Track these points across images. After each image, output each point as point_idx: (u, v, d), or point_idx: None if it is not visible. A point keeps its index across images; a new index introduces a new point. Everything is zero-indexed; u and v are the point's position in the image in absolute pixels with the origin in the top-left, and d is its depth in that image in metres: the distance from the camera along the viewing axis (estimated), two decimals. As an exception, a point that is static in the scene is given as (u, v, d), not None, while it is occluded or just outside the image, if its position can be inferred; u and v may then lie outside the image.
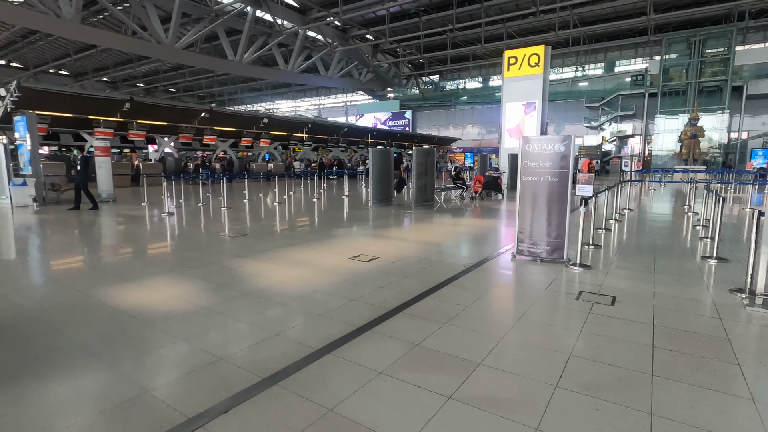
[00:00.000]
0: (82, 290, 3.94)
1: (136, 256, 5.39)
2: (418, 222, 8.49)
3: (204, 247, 5.97)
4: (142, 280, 4.27)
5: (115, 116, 17.57)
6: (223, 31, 34.92)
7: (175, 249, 5.79)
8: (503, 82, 20.10)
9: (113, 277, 4.38)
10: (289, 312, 3.42)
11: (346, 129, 28.84)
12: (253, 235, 6.84)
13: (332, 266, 4.87)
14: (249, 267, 4.82)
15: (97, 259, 5.29)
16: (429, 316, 3.32)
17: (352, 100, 64.64)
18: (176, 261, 5.11)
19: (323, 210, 10.62)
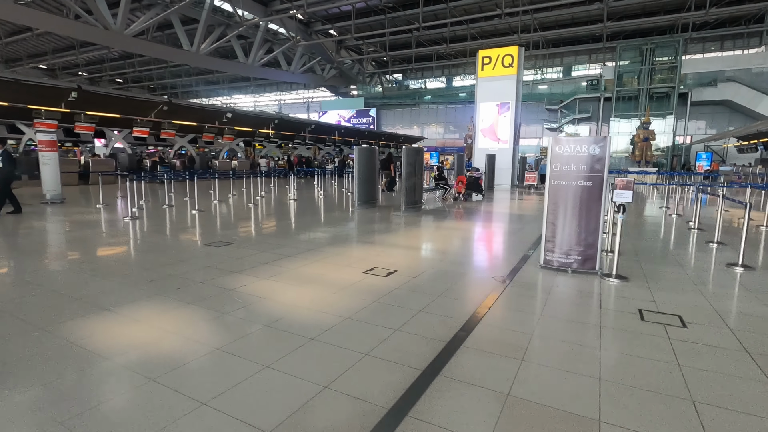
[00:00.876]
0: (37, 325, 3.05)
1: (105, 274, 4.46)
2: (416, 227, 7.96)
3: (187, 259, 5.10)
4: (121, 309, 3.43)
5: (60, 106, 15.69)
6: (177, 19, 32.78)
7: (153, 263, 4.89)
8: (477, 81, 20.02)
9: (79, 305, 3.49)
10: (327, 352, 2.76)
11: (313, 126, 27.81)
12: (240, 244, 6.02)
13: (349, 283, 4.22)
14: (252, 287, 4.07)
15: (52, 279, 4.31)
16: (496, 349, 2.79)
17: (314, 96, 63.24)
18: (159, 280, 4.25)
19: (306, 213, 9.85)
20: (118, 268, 4.71)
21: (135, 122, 18.33)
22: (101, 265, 4.81)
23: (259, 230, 7.31)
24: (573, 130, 42.26)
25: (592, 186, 4.63)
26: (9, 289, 3.93)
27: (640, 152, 34.40)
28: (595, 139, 4.60)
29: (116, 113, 17.37)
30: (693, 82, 36.45)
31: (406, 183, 9.77)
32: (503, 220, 9.22)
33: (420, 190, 10.31)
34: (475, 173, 14.25)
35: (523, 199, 14.36)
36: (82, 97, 15.67)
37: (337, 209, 10.59)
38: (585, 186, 4.65)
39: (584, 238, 4.70)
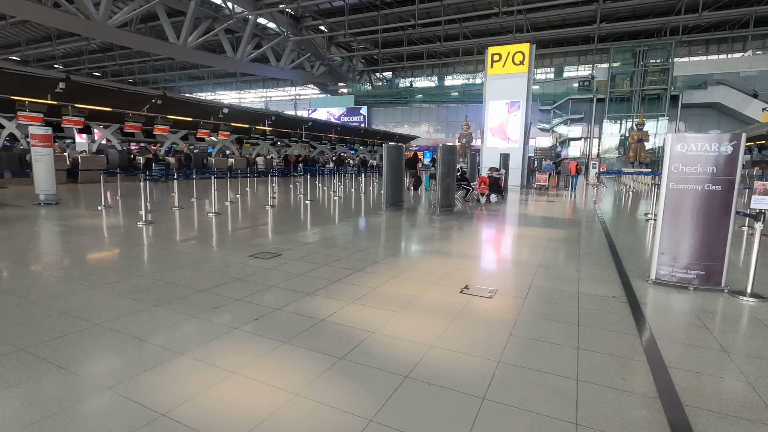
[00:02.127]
0: (82, 376, 2.23)
1: (152, 299, 3.60)
2: (469, 232, 7.28)
3: (242, 277, 4.28)
4: (198, 352, 2.62)
5: (46, 98, 14.43)
6: (163, 10, 31.35)
7: (203, 283, 4.05)
8: (486, 79, 19.48)
9: (145, 351, 2.66)
10: (523, 421, 2.03)
11: (310, 123, 26.86)
12: (289, 255, 5.21)
13: (454, 307, 3.50)
14: (344, 315, 3.30)
15: (90, 309, 3.44)
16: (735, 410, 2.11)
17: (301, 93, 62.00)
18: (225, 306, 3.43)
19: (333, 216, 9.03)
20: (163, 289, 3.86)
21: (126, 117, 17.11)
22: (139, 286, 3.94)
23: (299, 238, 6.49)
24: (565, 131, 42.40)
25: (721, 190, 4.02)
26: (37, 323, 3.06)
27: (634, 153, 34.63)
28: (728, 137, 3.99)
29: (107, 106, 16.13)
30: (683, 84, 36.95)
31: (441, 184, 9.08)
32: (552, 224, 8.61)
33: (453, 191, 9.65)
34: (495, 173, 13.69)
35: (546, 200, 13.86)
36: (71, 89, 14.46)
37: (365, 212, 9.81)
38: (713, 191, 4.04)
39: (710, 251, 4.09)
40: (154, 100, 17.38)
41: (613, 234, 7.17)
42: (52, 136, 9.41)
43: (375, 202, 12.24)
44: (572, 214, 10.27)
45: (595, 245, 6.30)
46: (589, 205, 12.36)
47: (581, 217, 9.59)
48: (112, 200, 9.83)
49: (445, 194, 9.22)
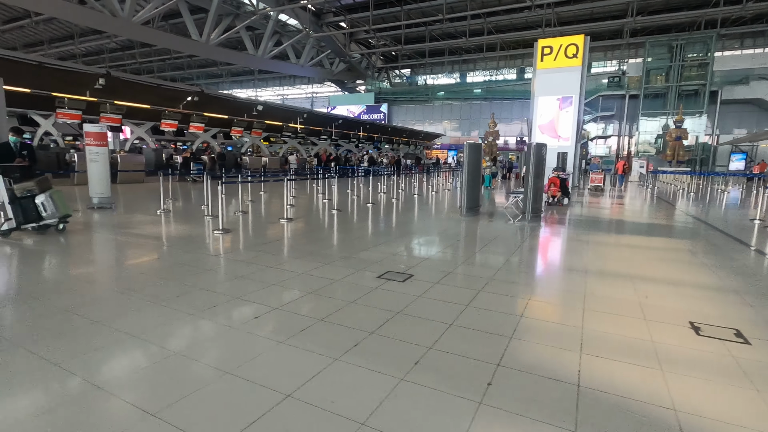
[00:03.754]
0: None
1: (316, 344, 2.77)
2: (597, 243, 6.36)
3: (399, 311, 3.42)
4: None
5: (84, 95, 13.81)
6: (186, 7, 30.90)
7: (362, 319, 3.21)
8: (535, 73, 18.45)
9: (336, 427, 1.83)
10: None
11: (340, 121, 26.06)
12: (424, 276, 4.36)
13: (720, 361, 2.62)
14: (594, 375, 2.44)
15: (241, 360, 2.62)
16: None
17: (318, 91, 61.44)
18: (429, 361, 2.59)
19: (419, 223, 8.18)
20: (323, 331, 3.03)
21: (163, 114, 16.46)
22: (291, 326, 3.12)
23: (410, 251, 5.64)
24: (596, 129, 41.10)
25: None
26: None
27: (671, 151, 33.24)
28: None
29: (145, 103, 15.47)
30: (721, 79, 35.38)
31: (533, 186, 8.18)
32: (674, 233, 7.67)
33: (541, 194, 8.75)
34: (561, 174, 12.73)
35: (620, 202, 12.88)
36: (110, 85, 13.81)
37: (445, 217, 8.95)
38: None
39: None
40: (191, 97, 16.69)
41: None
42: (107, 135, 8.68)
43: (441, 204, 11.39)
44: (673, 218, 9.31)
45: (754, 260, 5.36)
46: (677, 208, 11.36)
47: (689, 222, 8.63)
48: (165, 203, 9.08)
49: (537, 198, 8.32)
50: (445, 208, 10.58)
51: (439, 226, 7.79)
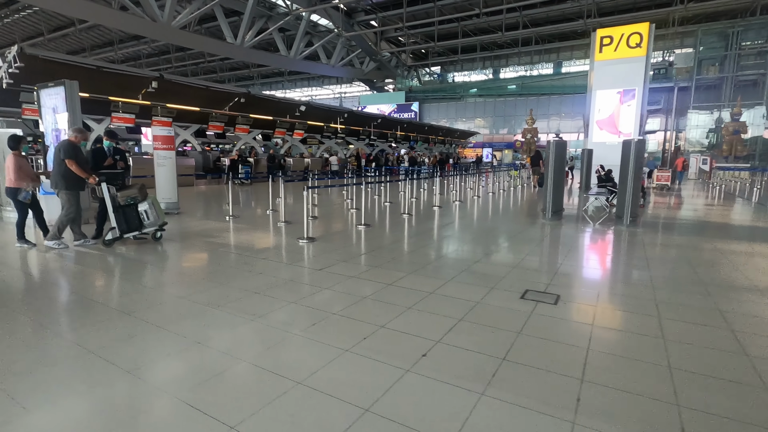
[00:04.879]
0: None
1: (518, 393, 2.18)
2: (734, 253, 5.55)
3: (572, 343, 2.80)
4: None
5: (137, 98, 13.72)
6: (221, 10, 31.13)
7: (536, 360, 2.60)
8: (593, 65, 17.37)
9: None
10: None
11: (379, 120, 25.52)
12: (571, 295, 3.71)
13: None
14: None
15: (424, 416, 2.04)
16: None
17: (346, 91, 61.31)
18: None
19: (507, 229, 7.50)
20: (520, 377, 2.42)
21: (211, 116, 16.29)
22: (475, 367, 2.53)
23: (529, 265, 4.99)
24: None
25: None
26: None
27: (728, 146, 31.11)
28: None
29: (194, 105, 15.33)
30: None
31: (633, 186, 7.36)
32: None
33: (638, 196, 7.90)
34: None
35: (699, 202, 11.80)
36: (162, 88, 13.66)
37: (528, 221, 8.23)
38: None
39: None
40: (237, 98, 16.47)
41: None
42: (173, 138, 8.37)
43: (513, 207, 10.66)
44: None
45: None
46: (757, 206, 10.25)
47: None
48: (230, 208, 8.71)
49: (635, 199, 7.50)
50: (522, 211, 9.85)
51: (533, 233, 7.07)
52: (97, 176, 5.31)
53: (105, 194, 5.30)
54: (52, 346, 2.72)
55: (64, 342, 2.79)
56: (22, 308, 3.40)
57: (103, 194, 5.32)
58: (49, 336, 2.87)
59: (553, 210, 8.20)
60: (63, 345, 2.74)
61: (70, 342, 2.78)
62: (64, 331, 3.00)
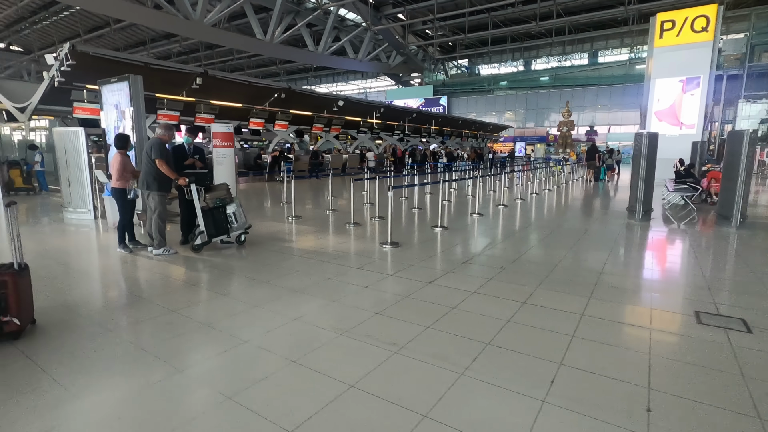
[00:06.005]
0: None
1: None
2: None
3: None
4: None
5: (181, 95, 13.50)
6: (250, 7, 31.02)
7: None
8: (651, 52, 16.24)
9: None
10: None
11: (414, 115, 24.85)
12: (764, 321, 3.04)
13: None
14: None
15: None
16: None
17: (372, 86, 60.80)
18: None
19: (599, 230, 6.79)
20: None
21: (252, 112, 15.99)
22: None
23: (671, 278, 4.31)
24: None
25: None
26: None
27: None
28: None
29: (236, 102, 15.04)
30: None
31: (745, 183, 6.52)
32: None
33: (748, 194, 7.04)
34: (716, 166, 10.76)
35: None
36: (206, 84, 13.38)
37: (619, 222, 7.49)
38: None
39: None
40: (278, 94, 16.11)
41: None
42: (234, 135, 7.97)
43: (585, 205, 9.88)
44: None
45: None
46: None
47: None
48: (287, 206, 8.27)
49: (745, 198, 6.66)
50: (603, 210, 9.07)
51: (636, 237, 6.34)
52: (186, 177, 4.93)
53: (194, 196, 4.90)
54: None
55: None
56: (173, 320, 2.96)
57: (192, 196, 4.90)
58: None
59: (645, 208, 7.42)
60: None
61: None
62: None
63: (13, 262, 2.77)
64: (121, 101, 6.49)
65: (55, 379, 2.31)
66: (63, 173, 7.24)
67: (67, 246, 5.75)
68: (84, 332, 2.93)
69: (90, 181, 7.05)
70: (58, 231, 6.62)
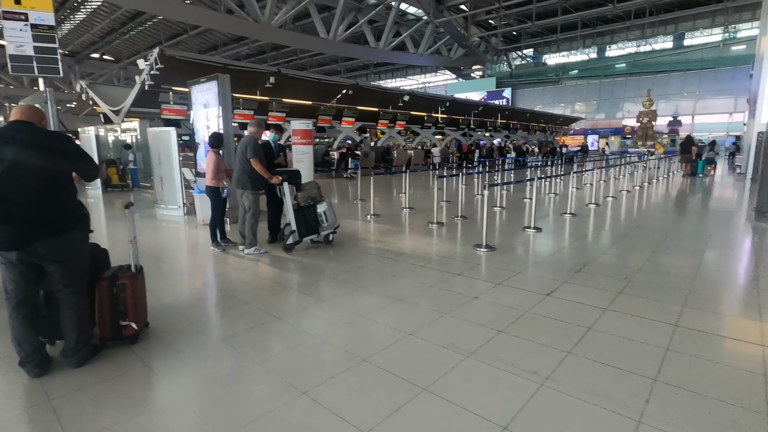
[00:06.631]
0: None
1: None
2: None
3: None
4: None
5: (255, 94, 13.85)
6: (314, 6, 31.54)
7: None
8: (766, 28, 14.12)
9: None
10: None
11: (480, 108, 23.89)
12: None
13: None
14: None
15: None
16: None
17: (430, 81, 59.86)
18: None
19: (721, 233, 5.86)
20: None
21: (320, 110, 16.11)
22: None
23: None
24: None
25: None
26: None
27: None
28: None
29: (306, 99, 15.19)
30: None
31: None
32: None
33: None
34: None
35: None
36: (279, 83, 13.60)
37: (739, 224, 6.45)
38: None
39: None
40: (346, 90, 16.09)
41: None
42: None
43: (690, 203, 8.75)
44: None
45: None
46: None
47: None
48: (354, 203, 8.06)
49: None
50: (716, 211, 7.94)
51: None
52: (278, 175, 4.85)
53: (286, 195, 4.80)
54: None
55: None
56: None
57: (284, 195, 4.81)
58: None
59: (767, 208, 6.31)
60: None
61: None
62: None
63: (131, 264, 2.71)
64: (210, 100, 6.60)
65: (168, 388, 2.17)
66: (156, 171, 7.56)
67: (163, 243, 5.93)
68: (197, 339, 2.82)
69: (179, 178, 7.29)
70: (152, 227, 6.91)
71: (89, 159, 2.42)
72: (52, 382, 2.29)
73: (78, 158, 2.34)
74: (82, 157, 2.37)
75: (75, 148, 2.36)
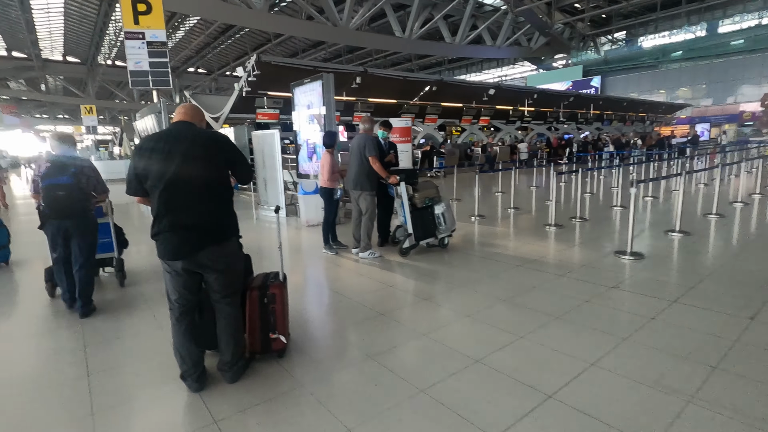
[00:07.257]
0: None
1: None
2: None
3: None
4: None
5: (341, 95, 13.94)
6: (390, 6, 31.45)
7: None
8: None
9: None
10: None
11: (572, 98, 22.04)
12: None
13: None
14: None
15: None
16: None
17: (507, 74, 57.13)
18: None
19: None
20: None
21: (403, 107, 15.87)
22: None
23: None
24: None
25: None
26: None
27: None
28: None
29: (390, 98, 15.02)
30: None
31: None
32: None
33: None
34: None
35: None
36: (365, 82, 13.56)
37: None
38: None
39: None
40: (430, 87, 15.66)
41: None
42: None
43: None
44: None
45: None
46: None
47: None
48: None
49: None
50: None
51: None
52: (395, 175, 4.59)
53: (403, 196, 4.52)
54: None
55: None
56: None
57: (401, 196, 4.54)
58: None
59: None
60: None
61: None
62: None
63: (278, 272, 2.54)
64: (313, 101, 6.57)
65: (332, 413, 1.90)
66: (260, 173, 7.75)
67: (272, 244, 5.97)
68: (343, 357, 2.58)
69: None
70: (255, 228, 7.05)
71: (245, 160, 2.27)
72: (212, 399, 2.15)
73: (241, 159, 2.19)
74: (242, 157, 2.21)
75: (235, 148, 2.21)
